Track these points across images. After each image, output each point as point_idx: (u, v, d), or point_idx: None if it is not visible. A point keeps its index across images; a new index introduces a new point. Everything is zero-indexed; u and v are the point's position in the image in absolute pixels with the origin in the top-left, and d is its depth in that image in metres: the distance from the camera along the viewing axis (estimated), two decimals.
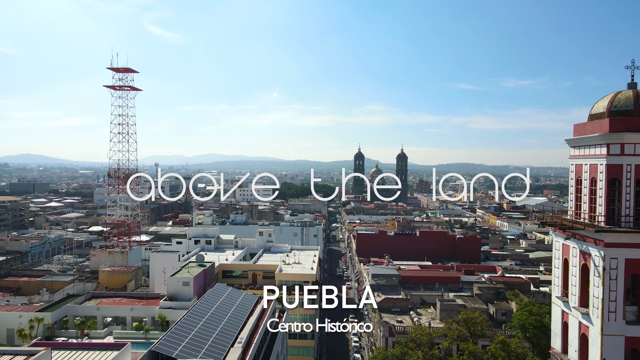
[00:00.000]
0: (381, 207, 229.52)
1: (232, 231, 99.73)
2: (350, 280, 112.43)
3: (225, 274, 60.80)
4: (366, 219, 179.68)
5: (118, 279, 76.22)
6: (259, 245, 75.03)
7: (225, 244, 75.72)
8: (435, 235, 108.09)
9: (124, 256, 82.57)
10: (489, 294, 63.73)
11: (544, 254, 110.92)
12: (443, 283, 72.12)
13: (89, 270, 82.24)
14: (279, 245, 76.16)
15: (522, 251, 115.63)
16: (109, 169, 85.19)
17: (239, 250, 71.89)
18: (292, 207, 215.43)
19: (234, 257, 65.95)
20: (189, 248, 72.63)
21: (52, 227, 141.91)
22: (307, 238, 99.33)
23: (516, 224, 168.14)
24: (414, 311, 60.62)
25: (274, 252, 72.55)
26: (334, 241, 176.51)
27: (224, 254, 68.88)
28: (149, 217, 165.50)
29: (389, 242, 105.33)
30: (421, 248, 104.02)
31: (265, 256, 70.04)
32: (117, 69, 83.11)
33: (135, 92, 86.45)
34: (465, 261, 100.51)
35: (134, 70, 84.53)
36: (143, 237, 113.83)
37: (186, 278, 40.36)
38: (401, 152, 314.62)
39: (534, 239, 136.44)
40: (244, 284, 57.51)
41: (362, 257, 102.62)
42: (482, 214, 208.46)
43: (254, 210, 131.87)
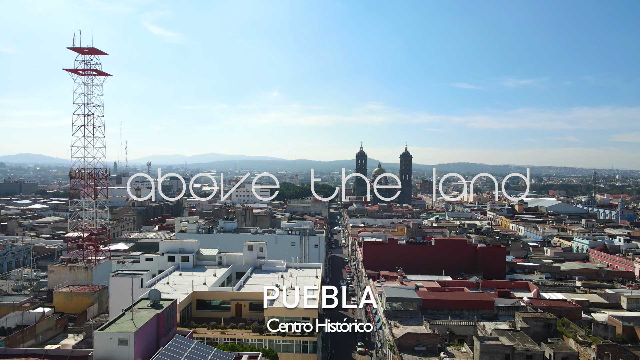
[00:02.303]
0: (385, 209, 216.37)
1: (219, 241, 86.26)
2: (356, 294, 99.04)
3: (201, 305, 47.54)
4: (370, 222, 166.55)
5: (77, 302, 63.05)
6: (247, 262, 61.51)
7: (207, 261, 62.30)
8: (453, 244, 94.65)
9: (88, 273, 69.42)
10: (537, 326, 50.43)
11: (576, 265, 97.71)
12: (474, 309, 58.84)
13: (46, 289, 68.96)
14: (273, 262, 62.53)
15: (550, 261, 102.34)
16: (71, 169, 71.72)
17: (223, 269, 58.49)
18: (291, 208, 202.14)
19: (215, 280, 52.53)
20: (161, 266, 59.23)
21: (26, 232, 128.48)
22: (306, 248, 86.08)
23: (533, 228, 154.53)
24: (445, 351, 47.26)
25: (265, 272, 59.00)
26: (336, 246, 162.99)
27: (203, 274, 55.62)
28: (134, 220, 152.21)
29: (400, 253, 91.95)
30: (437, 259, 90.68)
31: (254, 277, 56.56)
32: (79, 49, 69.72)
33: (103, 78, 73.12)
34: (488, 274, 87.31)
35: (101, 52, 71.14)
36: (121, 246, 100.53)
37: (123, 334, 27.17)
38: (405, 151, 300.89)
39: (558, 246, 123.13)
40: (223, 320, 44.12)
41: (369, 269, 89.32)
42: (493, 216, 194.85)
43: (248, 215, 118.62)
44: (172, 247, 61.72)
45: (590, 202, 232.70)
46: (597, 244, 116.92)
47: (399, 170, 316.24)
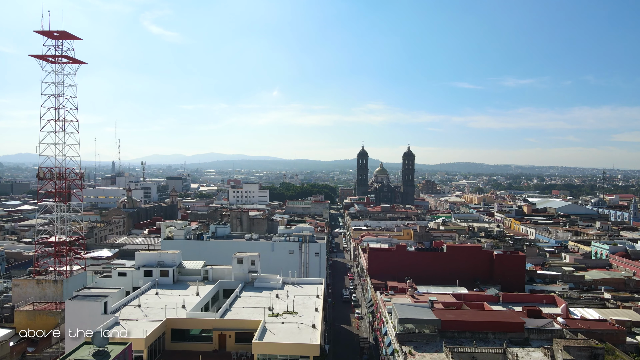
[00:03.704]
0: (388, 210, 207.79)
1: (209, 249, 77.76)
2: (360, 306, 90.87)
3: (176, 336, 39.01)
4: (373, 224, 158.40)
5: (42, 322, 54.88)
6: (237, 277, 52.75)
7: (190, 276, 53.63)
8: (467, 251, 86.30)
9: (58, 287, 61.13)
10: (582, 357, 42.20)
11: (600, 274, 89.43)
12: (501, 331, 50.56)
13: (9, 305, 60.61)
14: (267, 277, 53.64)
15: (571, 269, 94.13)
16: (39, 169, 63.37)
17: (208, 286, 49.88)
18: (291, 210, 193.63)
19: (197, 301, 43.88)
20: (136, 281, 50.68)
21: (7, 236, 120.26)
22: (306, 257, 77.71)
23: (545, 231, 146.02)
24: None
25: (258, 289, 50.16)
26: (338, 250, 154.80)
27: (184, 293, 47.13)
28: (124, 223, 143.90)
29: (409, 261, 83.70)
30: (450, 268, 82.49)
31: (244, 297, 48.12)
32: (48, 32, 61.34)
33: (77, 66, 64.78)
34: (506, 285, 79.26)
35: (74, 36, 62.81)
36: (104, 252, 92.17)
37: None
38: (408, 150, 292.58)
39: (576, 251, 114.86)
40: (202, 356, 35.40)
41: (375, 279, 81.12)
42: (501, 218, 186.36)
43: (243, 218, 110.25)
44: (149, 259, 52.96)
45: (600, 203, 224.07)
46: (617, 249, 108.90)
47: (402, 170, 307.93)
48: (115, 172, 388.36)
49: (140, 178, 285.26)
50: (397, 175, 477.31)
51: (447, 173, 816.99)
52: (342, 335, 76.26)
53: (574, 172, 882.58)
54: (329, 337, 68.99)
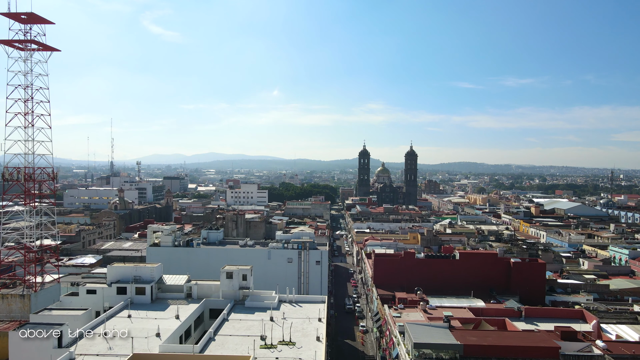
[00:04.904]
0: (392, 212, 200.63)
1: (199, 258, 70.49)
2: (365, 317, 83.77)
3: None
4: (376, 226, 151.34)
5: (3, 345, 47.63)
6: (226, 294, 45.27)
7: (172, 292, 46.27)
8: (481, 258, 79.17)
9: (25, 302, 54.07)
10: None
11: (625, 282, 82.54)
12: (533, 358, 43.50)
13: None
14: (260, 294, 45.96)
15: (592, 277, 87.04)
16: (4, 169, 56.34)
17: (192, 306, 42.68)
18: (290, 211, 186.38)
19: (176, 326, 36.49)
20: (108, 299, 43.31)
21: None
22: (306, 265, 70.61)
23: (556, 234, 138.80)
24: None
25: (249, 310, 42.55)
26: (339, 254, 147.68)
27: (162, 315, 39.90)
28: (115, 226, 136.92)
29: (418, 269, 76.68)
30: (463, 276, 75.54)
31: (233, 319, 41.00)
32: (14, 15, 54.26)
33: (49, 54, 57.70)
34: (525, 296, 72.40)
35: (45, 20, 55.79)
36: (88, 259, 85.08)
37: None
38: (410, 149, 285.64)
39: (594, 257, 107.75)
40: None
41: (382, 288, 74.07)
42: (509, 219, 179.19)
43: (239, 221, 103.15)
44: (123, 274, 45.51)
45: (609, 203, 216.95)
46: (638, 254, 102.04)
47: (404, 170, 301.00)
48: (114, 171, 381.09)
49: (135, 178, 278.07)
50: (398, 175, 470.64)
51: (448, 173, 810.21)
52: (346, 352, 69.22)
53: (574, 171, 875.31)
54: (331, 354, 61.89)
